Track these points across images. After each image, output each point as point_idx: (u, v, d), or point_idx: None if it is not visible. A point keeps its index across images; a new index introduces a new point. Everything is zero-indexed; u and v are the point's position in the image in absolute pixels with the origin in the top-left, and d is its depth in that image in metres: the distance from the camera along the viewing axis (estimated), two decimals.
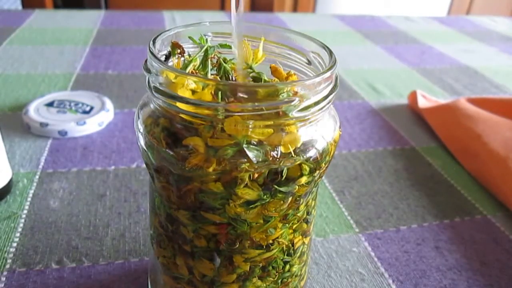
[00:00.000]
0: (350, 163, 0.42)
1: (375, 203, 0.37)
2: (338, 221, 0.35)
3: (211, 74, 0.20)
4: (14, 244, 0.30)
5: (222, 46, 0.22)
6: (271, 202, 0.19)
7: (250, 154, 0.17)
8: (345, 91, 0.58)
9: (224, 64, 0.20)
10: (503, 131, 0.44)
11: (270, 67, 0.21)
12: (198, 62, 0.20)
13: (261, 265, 0.21)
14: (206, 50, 0.20)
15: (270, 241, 0.20)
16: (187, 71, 0.19)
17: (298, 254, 0.22)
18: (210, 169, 0.17)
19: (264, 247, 0.20)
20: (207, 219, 0.19)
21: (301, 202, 0.20)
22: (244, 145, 0.17)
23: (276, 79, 0.21)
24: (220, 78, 0.20)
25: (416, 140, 0.47)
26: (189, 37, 0.21)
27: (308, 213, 0.22)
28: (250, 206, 0.18)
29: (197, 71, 0.20)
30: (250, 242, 0.20)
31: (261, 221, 0.19)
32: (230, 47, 0.22)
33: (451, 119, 0.47)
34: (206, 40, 0.21)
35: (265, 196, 0.18)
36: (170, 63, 0.20)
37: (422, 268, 0.31)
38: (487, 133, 0.44)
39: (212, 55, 0.20)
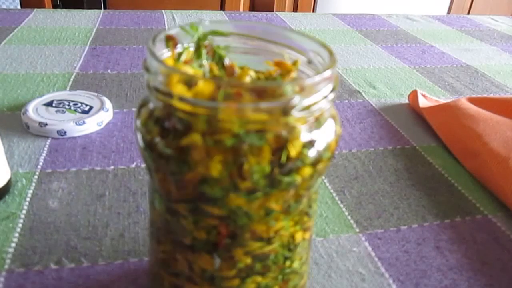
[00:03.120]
0: (350, 163, 0.42)
1: (375, 202, 0.37)
2: (338, 221, 0.35)
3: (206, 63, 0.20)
4: (13, 245, 0.30)
5: (215, 33, 0.21)
6: (273, 194, 0.19)
7: (250, 140, 0.17)
8: (345, 91, 0.58)
9: (219, 51, 0.20)
10: (504, 130, 0.44)
11: (274, 62, 0.21)
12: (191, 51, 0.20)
13: (261, 259, 0.21)
14: (199, 38, 0.20)
15: (271, 234, 0.20)
16: (181, 60, 0.19)
17: (299, 249, 0.22)
18: (214, 161, 0.17)
19: (265, 239, 0.20)
20: (207, 212, 0.19)
21: (303, 195, 0.20)
22: (243, 132, 0.17)
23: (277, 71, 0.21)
24: (216, 64, 0.20)
25: (416, 139, 0.47)
26: (180, 27, 0.20)
27: (309, 206, 0.22)
28: (252, 197, 0.18)
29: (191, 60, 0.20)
30: (250, 235, 0.20)
31: (263, 213, 0.19)
32: (223, 34, 0.21)
33: (452, 118, 0.47)
34: (197, 28, 0.21)
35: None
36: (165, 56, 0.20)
37: (422, 268, 0.31)
38: (487, 133, 0.44)
39: (206, 43, 0.20)
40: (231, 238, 0.20)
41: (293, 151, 0.18)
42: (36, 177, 0.37)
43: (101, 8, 1.61)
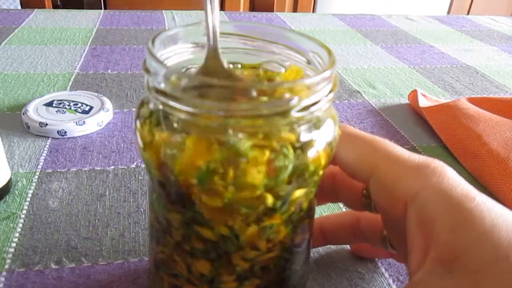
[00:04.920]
0: None
1: None
2: None
3: None
4: (13, 244, 0.30)
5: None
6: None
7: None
8: (345, 91, 0.58)
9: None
10: (504, 131, 0.44)
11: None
12: None
13: (261, 264, 0.21)
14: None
15: (271, 245, 0.20)
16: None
17: (299, 250, 0.22)
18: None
19: (265, 250, 0.20)
20: (197, 231, 0.19)
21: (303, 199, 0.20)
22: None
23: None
24: None
25: (416, 139, 0.47)
26: None
27: (309, 209, 0.22)
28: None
29: None
30: (250, 247, 0.20)
31: (263, 232, 0.19)
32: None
33: (452, 118, 0.47)
34: None
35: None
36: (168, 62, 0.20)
37: None
38: (487, 133, 0.44)
39: None
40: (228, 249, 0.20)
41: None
42: (36, 177, 0.37)
43: (101, 8, 1.61)
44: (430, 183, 0.19)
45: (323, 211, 0.35)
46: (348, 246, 0.32)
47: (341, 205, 0.36)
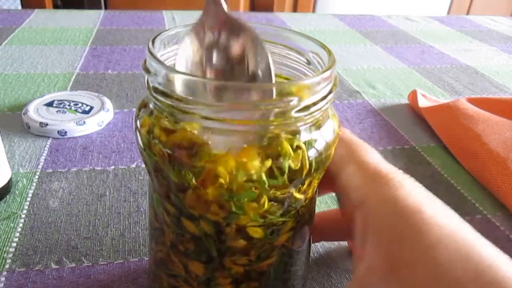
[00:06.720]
0: None
1: None
2: None
3: None
4: (14, 244, 0.30)
5: None
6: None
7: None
8: (345, 91, 0.58)
9: None
10: (503, 131, 0.44)
11: None
12: None
13: (258, 270, 0.21)
14: None
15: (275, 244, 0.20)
16: None
17: (299, 252, 0.22)
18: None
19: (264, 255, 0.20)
20: (184, 228, 0.19)
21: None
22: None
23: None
24: None
25: (416, 139, 0.47)
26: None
27: (310, 208, 0.22)
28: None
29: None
30: (244, 251, 0.20)
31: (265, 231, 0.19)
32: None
33: (451, 118, 0.47)
34: None
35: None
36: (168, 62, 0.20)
37: None
38: (487, 133, 0.44)
39: None
40: (220, 252, 0.20)
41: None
42: (37, 177, 0.37)
43: (101, 8, 1.61)
44: (378, 191, 0.19)
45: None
46: (347, 245, 0.32)
47: None
